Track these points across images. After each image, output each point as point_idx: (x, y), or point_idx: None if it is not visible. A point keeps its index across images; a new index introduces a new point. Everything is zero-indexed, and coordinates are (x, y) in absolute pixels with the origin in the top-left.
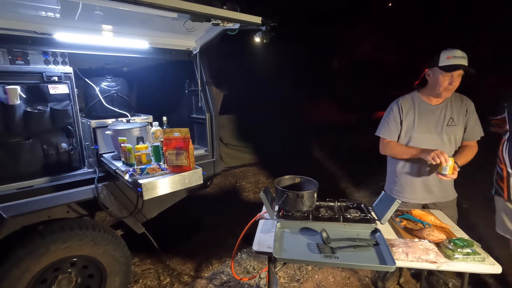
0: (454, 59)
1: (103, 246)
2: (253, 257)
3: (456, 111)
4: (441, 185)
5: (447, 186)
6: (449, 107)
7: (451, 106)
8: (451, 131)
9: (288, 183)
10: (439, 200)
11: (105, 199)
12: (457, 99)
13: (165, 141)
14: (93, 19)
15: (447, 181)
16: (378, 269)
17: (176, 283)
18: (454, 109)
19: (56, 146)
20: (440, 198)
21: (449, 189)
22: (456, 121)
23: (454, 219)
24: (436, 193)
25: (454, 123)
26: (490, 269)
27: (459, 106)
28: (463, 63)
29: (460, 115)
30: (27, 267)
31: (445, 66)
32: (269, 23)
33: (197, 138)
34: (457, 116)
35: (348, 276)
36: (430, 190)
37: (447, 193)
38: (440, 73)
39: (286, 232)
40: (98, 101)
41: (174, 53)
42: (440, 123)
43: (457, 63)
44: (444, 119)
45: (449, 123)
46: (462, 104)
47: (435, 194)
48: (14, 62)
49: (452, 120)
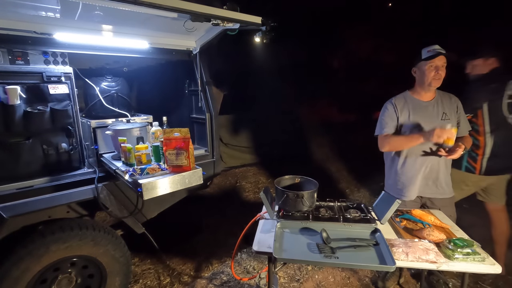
0: (434, 51)
1: (103, 246)
2: (253, 257)
3: (447, 107)
4: (438, 181)
5: (444, 182)
6: (440, 103)
7: (441, 102)
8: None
9: (288, 183)
10: (435, 195)
11: (105, 199)
12: (445, 96)
13: (165, 141)
14: (93, 19)
15: (444, 177)
16: (378, 269)
17: (176, 283)
18: (445, 105)
19: (56, 146)
20: (436, 193)
21: (445, 186)
22: (449, 115)
23: (453, 219)
24: (431, 188)
25: (447, 117)
26: (490, 269)
27: (449, 103)
28: (444, 52)
29: (452, 111)
30: (27, 267)
31: (427, 57)
32: (269, 23)
33: (197, 138)
34: (449, 112)
35: (348, 276)
36: (427, 184)
37: (443, 190)
38: (424, 64)
39: (286, 232)
40: (98, 101)
41: (174, 53)
42: (434, 118)
43: (439, 51)
44: (438, 114)
45: (443, 117)
46: (451, 101)
47: (431, 189)
48: (14, 62)
49: (445, 115)
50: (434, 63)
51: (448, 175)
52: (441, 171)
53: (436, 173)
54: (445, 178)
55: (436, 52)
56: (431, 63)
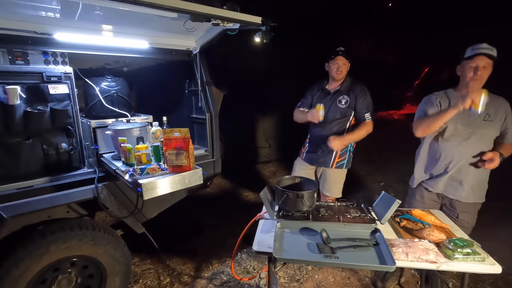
0: (478, 49)
1: (103, 246)
2: (253, 257)
3: (493, 110)
4: (464, 183)
5: (470, 185)
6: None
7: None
8: (487, 126)
9: (288, 183)
10: (457, 197)
11: (105, 199)
12: (495, 99)
13: (165, 141)
14: (93, 19)
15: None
16: (378, 269)
17: (176, 283)
18: (491, 107)
19: (56, 146)
20: (458, 196)
21: (470, 190)
22: (493, 117)
23: (469, 226)
24: (457, 189)
25: (490, 119)
26: (490, 269)
27: (496, 106)
28: (487, 52)
29: (498, 114)
30: (27, 267)
31: (467, 56)
32: (269, 23)
33: (197, 138)
34: (494, 114)
35: (348, 276)
36: (451, 184)
37: (467, 194)
38: (466, 63)
39: (286, 232)
40: (98, 101)
41: (174, 53)
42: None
43: (479, 52)
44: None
45: (486, 118)
46: (501, 105)
47: (456, 190)
48: (14, 62)
49: (489, 116)
50: (474, 63)
51: (479, 179)
52: (470, 174)
53: (464, 175)
54: (474, 182)
55: (475, 52)
56: (471, 63)
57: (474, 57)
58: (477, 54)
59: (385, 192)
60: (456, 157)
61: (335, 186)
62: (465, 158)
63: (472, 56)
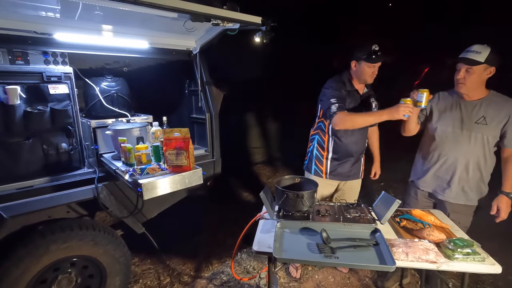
0: (462, 54)
1: (103, 246)
2: (253, 257)
3: (492, 112)
4: (452, 183)
5: (459, 186)
6: (485, 106)
7: (488, 105)
8: (478, 129)
9: (288, 183)
10: (446, 198)
11: (105, 199)
12: (500, 101)
13: (165, 141)
14: (93, 19)
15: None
16: (378, 269)
17: (176, 283)
18: (491, 109)
19: (56, 146)
20: (446, 196)
21: (460, 191)
22: (489, 121)
23: (461, 227)
24: (445, 190)
25: (484, 122)
26: (490, 269)
27: (499, 108)
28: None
29: (496, 118)
30: (27, 267)
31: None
32: (269, 23)
33: (197, 138)
34: (491, 117)
35: (348, 276)
36: (438, 183)
37: (456, 195)
38: (457, 65)
39: (286, 232)
40: (98, 101)
41: (174, 53)
42: (467, 119)
43: (460, 56)
44: (475, 116)
45: (479, 121)
46: (503, 107)
47: (444, 190)
48: (14, 62)
49: (484, 119)
50: (458, 67)
51: (472, 182)
52: (458, 175)
53: (451, 175)
54: (464, 183)
55: (459, 57)
56: (457, 66)
57: (458, 62)
58: (459, 58)
59: (385, 192)
60: (443, 158)
61: (357, 194)
62: (452, 159)
63: (460, 59)
